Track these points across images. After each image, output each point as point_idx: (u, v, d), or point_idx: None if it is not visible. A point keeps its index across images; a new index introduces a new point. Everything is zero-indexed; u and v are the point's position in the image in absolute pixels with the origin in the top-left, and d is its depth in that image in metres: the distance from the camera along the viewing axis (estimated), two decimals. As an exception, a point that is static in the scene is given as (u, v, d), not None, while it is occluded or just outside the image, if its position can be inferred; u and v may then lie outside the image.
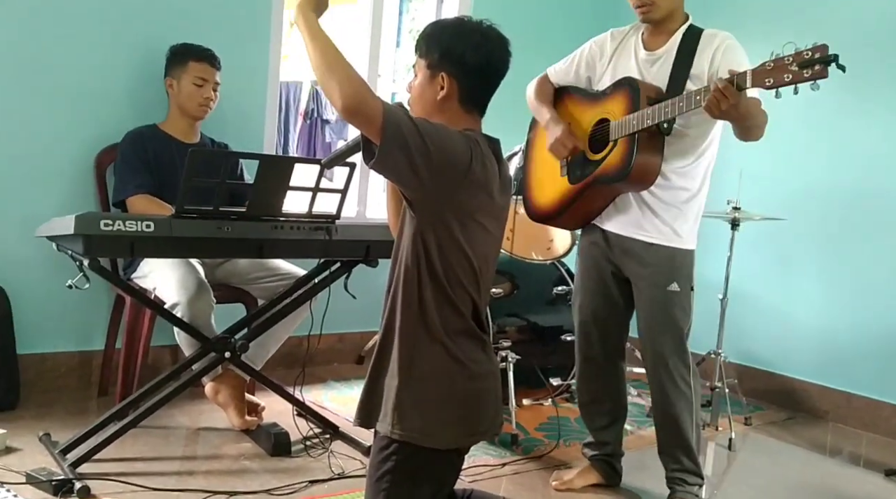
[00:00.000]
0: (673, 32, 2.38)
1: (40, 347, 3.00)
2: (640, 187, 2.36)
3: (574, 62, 2.59)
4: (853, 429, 3.57)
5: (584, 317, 2.56)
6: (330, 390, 3.41)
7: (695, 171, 2.39)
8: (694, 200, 2.41)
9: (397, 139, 1.58)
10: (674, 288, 2.38)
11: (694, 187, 2.40)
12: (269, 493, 2.29)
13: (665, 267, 2.39)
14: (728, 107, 2.06)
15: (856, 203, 3.59)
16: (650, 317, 2.43)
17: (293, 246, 2.44)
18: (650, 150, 2.29)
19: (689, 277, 2.41)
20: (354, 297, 2.61)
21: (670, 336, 2.40)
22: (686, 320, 2.41)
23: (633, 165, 2.28)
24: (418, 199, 1.69)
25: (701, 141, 2.36)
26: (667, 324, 2.40)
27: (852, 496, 2.78)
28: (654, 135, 2.29)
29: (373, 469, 1.76)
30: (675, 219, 2.38)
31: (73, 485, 2.14)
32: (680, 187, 2.37)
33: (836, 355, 3.67)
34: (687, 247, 2.41)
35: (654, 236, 2.39)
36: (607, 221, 2.48)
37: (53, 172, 2.98)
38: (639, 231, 2.41)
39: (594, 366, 2.57)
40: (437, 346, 1.73)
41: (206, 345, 2.57)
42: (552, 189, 2.57)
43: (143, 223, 2.13)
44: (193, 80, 2.94)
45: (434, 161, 1.61)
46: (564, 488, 2.57)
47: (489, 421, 1.84)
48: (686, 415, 2.41)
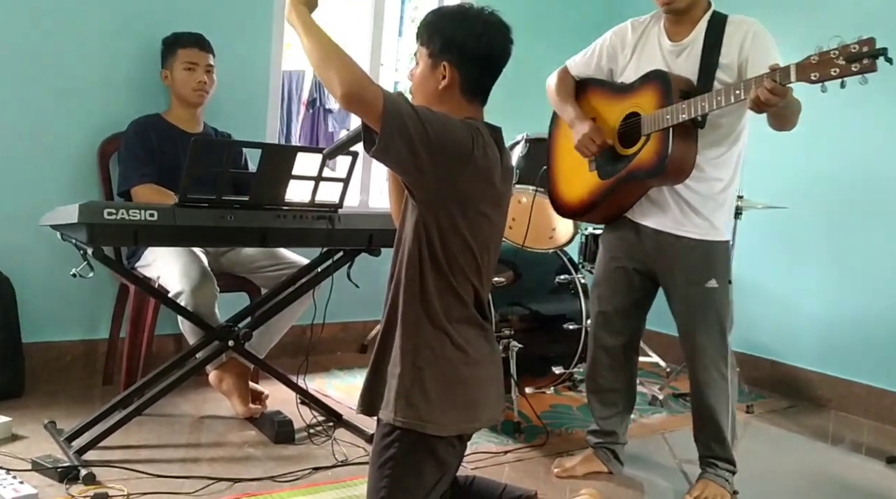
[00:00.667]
0: (697, 21, 2.33)
1: (45, 335, 3.01)
2: (676, 181, 2.34)
3: (594, 54, 2.56)
4: (855, 417, 3.58)
5: (605, 308, 2.56)
6: (333, 379, 3.42)
7: (728, 159, 2.37)
8: (728, 189, 2.39)
9: (398, 127, 1.58)
10: (712, 285, 2.37)
11: (727, 177, 2.37)
12: (273, 480, 2.30)
13: (703, 264, 2.38)
14: (775, 103, 2.04)
15: (859, 191, 3.58)
16: (688, 313, 2.42)
17: (296, 235, 2.44)
18: (685, 143, 2.27)
19: (727, 270, 2.39)
20: (357, 286, 2.62)
21: (710, 332, 2.40)
22: (726, 316, 2.40)
23: (669, 160, 2.25)
24: (419, 187, 1.69)
25: (733, 129, 2.34)
26: (706, 321, 2.40)
27: (854, 484, 2.78)
28: (688, 128, 2.27)
29: (376, 456, 1.78)
30: (712, 212, 2.36)
31: (79, 472, 2.15)
32: (714, 178, 2.35)
33: (838, 344, 3.67)
34: (723, 239, 2.39)
35: (691, 231, 2.37)
36: (641, 215, 2.45)
37: (57, 161, 2.98)
38: (676, 226, 2.39)
39: (609, 357, 2.58)
40: (440, 334, 1.74)
41: (209, 333, 2.58)
42: (582, 185, 2.54)
43: (146, 212, 2.14)
44: (184, 66, 2.94)
45: (435, 149, 1.62)
46: (566, 474, 2.58)
47: (491, 408, 1.85)
48: (722, 407, 2.42)
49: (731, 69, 2.26)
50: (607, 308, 2.56)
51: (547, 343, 3.24)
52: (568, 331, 3.22)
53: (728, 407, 2.43)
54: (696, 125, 2.27)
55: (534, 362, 3.16)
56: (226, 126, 3.19)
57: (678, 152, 2.26)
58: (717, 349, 2.40)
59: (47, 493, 2.07)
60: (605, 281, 2.58)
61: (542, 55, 4.41)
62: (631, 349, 2.60)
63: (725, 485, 2.45)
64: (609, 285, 2.56)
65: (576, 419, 3.10)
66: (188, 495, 2.15)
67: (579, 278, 3.32)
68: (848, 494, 2.68)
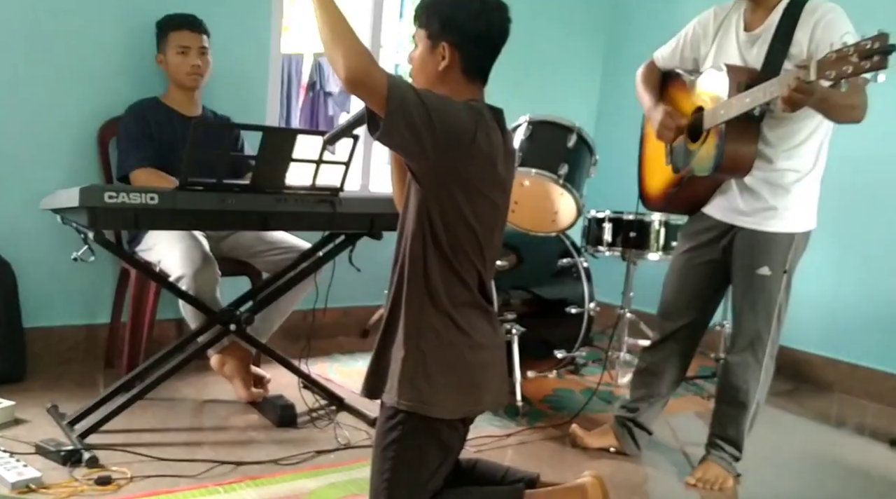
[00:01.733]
0: (772, 8, 2.27)
1: (46, 320, 3.01)
2: (736, 176, 2.34)
3: (679, 45, 2.56)
4: (858, 399, 3.58)
5: (676, 298, 2.56)
6: (335, 363, 3.42)
7: (804, 150, 2.32)
8: (804, 180, 2.34)
9: (402, 111, 1.57)
10: (763, 272, 2.35)
11: (804, 168, 2.33)
12: (276, 463, 2.30)
13: (755, 250, 2.36)
14: (802, 99, 2.01)
15: (864, 175, 3.56)
16: (738, 299, 2.42)
17: (297, 219, 2.43)
18: (741, 139, 2.25)
19: (784, 260, 2.35)
20: (359, 270, 2.61)
21: (755, 317, 2.38)
22: (774, 304, 2.37)
23: (724, 158, 2.25)
24: (423, 171, 1.68)
25: (808, 120, 2.29)
26: (752, 308, 2.38)
27: (857, 466, 2.79)
28: (745, 123, 2.24)
29: (379, 438, 1.78)
30: (779, 201, 2.33)
31: (82, 455, 2.16)
32: (787, 169, 2.32)
33: (842, 327, 3.66)
34: (789, 230, 2.34)
35: (750, 221, 2.36)
36: (712, 207, 2.46)
37: (57, 146, 2.97)
38: (737, 216, 2.39)
39: (669, 344, 2.57)
40: (444, 317, 1.73)
41: (211, 318, 2.57)
42: (659, 178, 2.61)
43: (147, 196, 2.12)
44: (176, 50, 2.91)
45: (439, 133, 1.61)
46: (577, 440, 2.64)
47: (495, 392, 1.85)
48: (751, 391, 2.41)
49: (799, 59, 2.16)
50: (668, 296, 2.59)
51: (549, 327, 3.24)
52: (570, 315, 3.21)
53: (755, 393, 2.41)
54: (754, 120, 2.24)
55: (536, 346, 3.16)
56: (225, 109, 3.17)
57: (732, 149, 2.25)
58: (759, 335, 2.38)
59: (51, 476, 2.07)
60: (680, 271, 2.57)
61: (546, 37, 4.39)
62: (683, 339, 2.57)
63: (729, 468, 2.45)
64: (675, 274, 2.58)
65: (578, 403, 3.10)
66: (191, 478, 2.15)
67: (582, 262, 3.31)
68: (851, 476, 2.68)
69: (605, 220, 3.48)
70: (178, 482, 2.12)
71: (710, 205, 2.48)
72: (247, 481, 2.16)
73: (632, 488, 2.42)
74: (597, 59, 4.77)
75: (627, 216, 3.46)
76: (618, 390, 3.37)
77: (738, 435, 2.45)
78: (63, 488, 2.02)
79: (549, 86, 4.47)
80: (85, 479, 2.07)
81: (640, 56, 2.71)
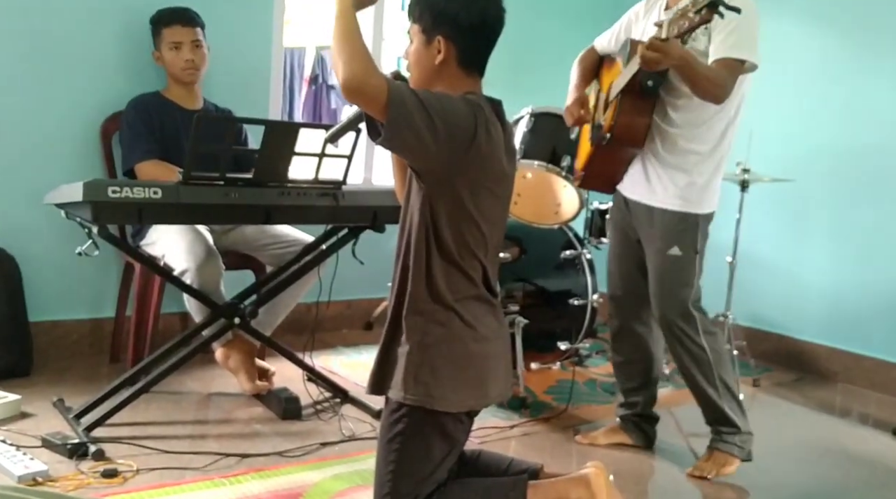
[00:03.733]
0: None
1: (52, 314, 3.02)
2: (633, 148, 2.42)
3: (616, 30, 2.62)
4: (862, 389, 3.58)
5: (614, 281, 2.62)
6: (339, 356, 3.43)
7: (706, 134, 2.36)
8: (705, 162, 2.38)
9: (403, 117, 1.58)
10: (674, 252, 2.38)
11: (704, 149, 2.37)
12: (280, 455, 2.31)
13: (667, 231, 2.40)
14: (654, 56, 2.07)
15: (866, 163, 3.55)
16: (654, 282, 2.45)
17: (300, 212, 2.44)
18: (634, 110, 2.35)
19: (694, 241, 2.39)
20: (362, 263, 2.62)
21: (672, 301, 2.41)
22: (687, 284, 2.40)
23: (616, 125, 2.34)
24: (426, 169, 1.69)
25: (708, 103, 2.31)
26: (669, 289, 2.41)
27: (860, 455, 2.79)
28: (639, 94, 2.32)
29: (384, 431, 1.79)
30: (682, 182, 2.38)
31: (88, 448, 2.17)
32: (689, 150, 2.37)
33: (845, 316, 3.66)
34: (695, 211, 2.39)
35: (659, 200, 2.41)
36: (624, 187, 2.53)
37: (60, 140, 2.97)
38: (646, 195, 2.44)
39: (625, 329, 2.61)
40: (448, 311, 1.74)
41: (215, 311, 2.58)
42: (583, 153, 2.68)
43: (150, 190, 2.13)
44: (169, 45, 2.91)
45: (441, 133, 1.62)
46: (587, 442, 2.65)
47: (500, 385, 1.85)
48: (699, 376, 2.42)
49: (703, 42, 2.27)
50: (616, 282, 2.61)
51: (552, 319, 3.24)
52: (573, 306, 3.22)
53: (708, 375, 2.42)
54: (648, 92, 2.31)
55: (539, 338, 3.17)
56: (227, 103, 3.17)
57: (625, 119, 2.35)
58: (683, 319, 2.41)
59: (57, 469, 2.08)
60: (612, 255, 2.64)
61: (547, 29, 4.38)
62: (646, 320, 2.59)
63: (733, 450, 2.44)
64: (615, 259, 2.62)
65: (581, 394, 3.10)
66: (197, 471, 2.16)
67: (585, 254, 3.31)
68: (855, 465, 2.69)
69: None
70: (183, 475, 2.13)
71: (623, 185, 2.53)
72: (252, 473, 2.17)
73: (635, 479, 2.42)
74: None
75: (630, 208, 3.46)
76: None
77: (723, 415, 2.44)
78: (69, 480, 2.03)
79: (551, 79, 4.44)
80: (91, 472, 2.08)
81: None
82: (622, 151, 2.47)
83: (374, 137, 1.67)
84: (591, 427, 2.81)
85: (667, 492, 2.34)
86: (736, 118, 2.40)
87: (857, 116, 3.59)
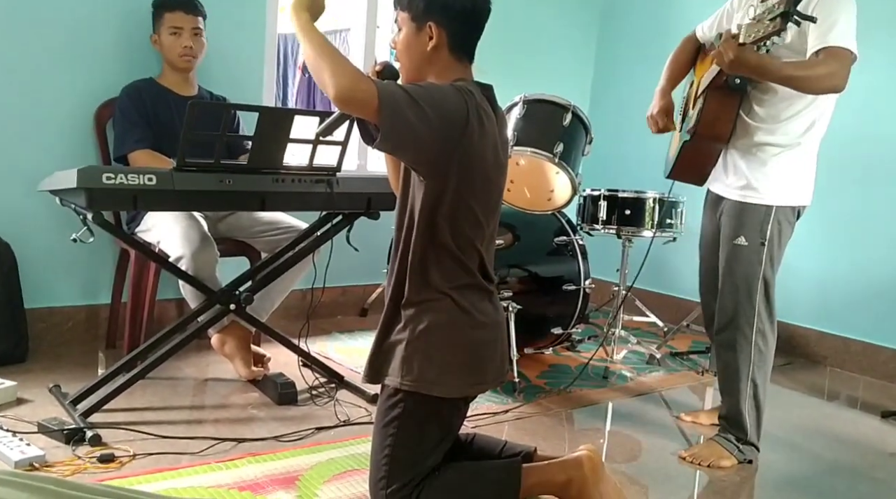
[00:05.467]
0: None
1: (47, 301, 3.03)
2: (717, 143, 2.42)
3: (717, 16, 2.60)
4: (850, 373, 3.62)
5: (701, 270, 2.67)
6: (334, 342, 3.45)
7: (789, 127, 2.34)
8: (784, 155, 2.35)
9: (398, 118, 1.60)
10: (740, 242, 2.39)
11: (784, 142, 2.35)
12: (276, 439, 2.33)
13: (734, 221, 2.40)
14: (730, 60, 2.06)
15: (854, 149, 3.57)
16: (721, 270, 2.45)
17: (295, 199, 2.44)
18: (720, 107, 2.34)
19: (762, 232, 2.37)
20: (357, 249, 2.63)
21: (733, 293, 2.41)
22: (752, 278, 2.38)
23: (699, 124, 2.35)
24: (423, 162, 1.71)
25: (797, 97, 2.30)
26: (731, 280, 2.41)
27: (849, 437, 2.83)
28: (725, 90, 2.31)
29: (380, 415, 1.81)
30: (755, 173, 2.37)
31: (85, 433, 2.18)
32: (766, 143, 2.35)
33: (834, 301, 3.70)
34: (768, 202, 2.36)
35: (730, 192, 2.43)
36: (711, 179, 2.55)
37: (54, 127, 2.97)
38: (721, 186, 2.48)
39: (711, 314, 2.60)
40: (445, 298, 1.76)
41: (211, 297, 2.59)
42: (675, 143, 2.68)
43: (145, 176, 2.14)
44: (169, 30, 2.90)
45: (434, 122, 1.63)
46: (690, 419, 2.75)
47: (496, 370, 1.87)
48: (742, 375, 2.40)
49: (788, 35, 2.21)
50: (704, 269, 2.65)
51: (546, 304, 3.26)
52: (566, 292, 3.24)
53: (747, 372, 2.40)
54: (735, 89, 2.29)
55: (533, 323, 3.19)
56: (221, 90, 3.17)
57: (710, 114, 2.34)
58: (741, 309, 2.40)
59: (54, 454, 2.10)
60: (702, 243, 2.67)
61: (540, 17, 4.38)
62: None
63: (731, 450, 2.43)
64: (704, 248, 2.65)
65: (573, 379, 3.12)
66: (193, 455, 2.18)
67: (577, 240, 3.33)
68: (844, 448, 2.72)
69: (601, 198, 3.50)
70: (180, 460, 2.15)
71: (710, 179, 2.55)
72: (248, 457, 2.19)
73: (626, 460, 2.45)
74: (591, 39, 4.76)
75: (622, 194, 3.48)
76: (613, 365, 3.41)
77: (738, 416, 2.42)
78: (66, 466, 2.05)
79: (543, 65, 4.47)
80: (88, 457, 2.09)
81: (634, 35, 2.72)
82: (708, 146, 2.46)
83: (368, 141, 1.69)
84: (585, 411, 2.84)
85: (659, 473, 2.37)
86: (826, 114, 2.38)
87: (844, 103, 3.58)
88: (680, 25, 2.73)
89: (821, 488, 2.40)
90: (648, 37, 4.40)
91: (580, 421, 2.78)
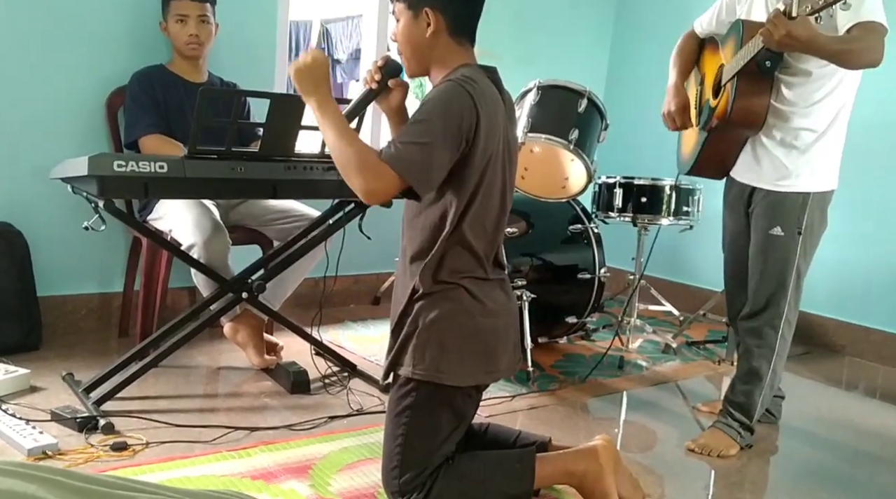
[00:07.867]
0: None
1: (60, 289, 3.03)
2: (750, 130, 2.35)
3: (716, 10, 2.55)
4: (869, 363, 3.58)
5: (726, 270, 2.61)
6: (347, 330, 3.44)
7: (822, 109, 2.29)
8: (820, 139, 2.31)
9: (423, 173, 1.64)
10: (776, 232, 2.34)
11: (819, 127, 2.30)
12: (289, 428, 2.32)
13: (770, 211, 2.35)
14: (780, 37, 2.01)
15: (874, 135, 3.51)
16: (753, 259, 2.41)
17: (307, 186, 2.42)
18: (752, 91, 2.28)
19: (798, 221, 2.32)
20: (369, 238, 2.61)
21: (766, 283, 2.37)
22: (786, 268, 2.34)
23: (734, 108, 2.27)
24: (463, 178, 1.71)
25: (826, 79, 2.26)
26: (764, 270, 2.37)
27: (868, 428, 2.79)
28: (755, 75, 2.25)
29: (393, 404, 1.79)
30: (793, 161, 2.32)
31: (98, 422, 2.18)
32: (803, 128, 2.30)
33: (853, 290, 3.65)
34: (805, 190, 2.32)
35: (764, 181, 2.36)
36: (736, 170, 2.47)
37: (65, 115, 2.96)
38: (753, 177, 2.40)
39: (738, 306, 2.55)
40: (456, 287, 1.75)
41: (223, 286, 2.58)
42: (691, 139, 2.61)
43: (156, 164, 2.12)
44: (175, 18, 2.88)
45: (450, 146, 1.65)
46: (707, 409, 2.72)
47: (508, 359, 1.86)
48: (764, 364, 2.38)
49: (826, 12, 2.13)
50: (728, 264, 2.60)
51: (560, 293, 3.23)
52: (581, 281, 3.21)
53: (770, 360, 2.38)
54: (765, 72, 2.24)
55: (547, 312, 3.16)
56: (232, 76, 3.15)
57: (743, 101, 2.27)
58: (773, 299, 2.36)
59: (67, 442, 2.10)
60: (725, 243, 2.61)
61: (555, 2, 4.33)
62: None
63: (735, 436, 2.41)
64: (728, 240, 2.59)
65: (588, 368, 3.10)
66: (206, 444, 2.17)
67: (592, 228, 3.30)
68: (863, 438, 2.69)
69: (616, 185, 3.46)
70: (193, 448, 2.15)
71: (735, 168, 2.48)
72: (261, 446, 2.18)
73: (641, 450, 2.43)
74: (607, 24, 4.70)
75: (638, 182, 3.44)
76: (628, 354, 3.38)
77: (750, 403, 2.41)
78: (79, 454, 2.04)
79: (558, 50, 4.42)
80: (101, 445, 2.09)
81: (652, 18, 2.68)
82: (736, 134, 2.39)
83: (415, 198, 1.72)
84: (600, 401, 2.82)
85: (674, 463, 2.34)
86: (852, 98, 2.34)
87: (863, 88, 3.53)
88: (699, 8, 2.68)
89: (840, 478, 2.37)
90: (666, 20, 4.32)
91: (595, 411, 2.75)
